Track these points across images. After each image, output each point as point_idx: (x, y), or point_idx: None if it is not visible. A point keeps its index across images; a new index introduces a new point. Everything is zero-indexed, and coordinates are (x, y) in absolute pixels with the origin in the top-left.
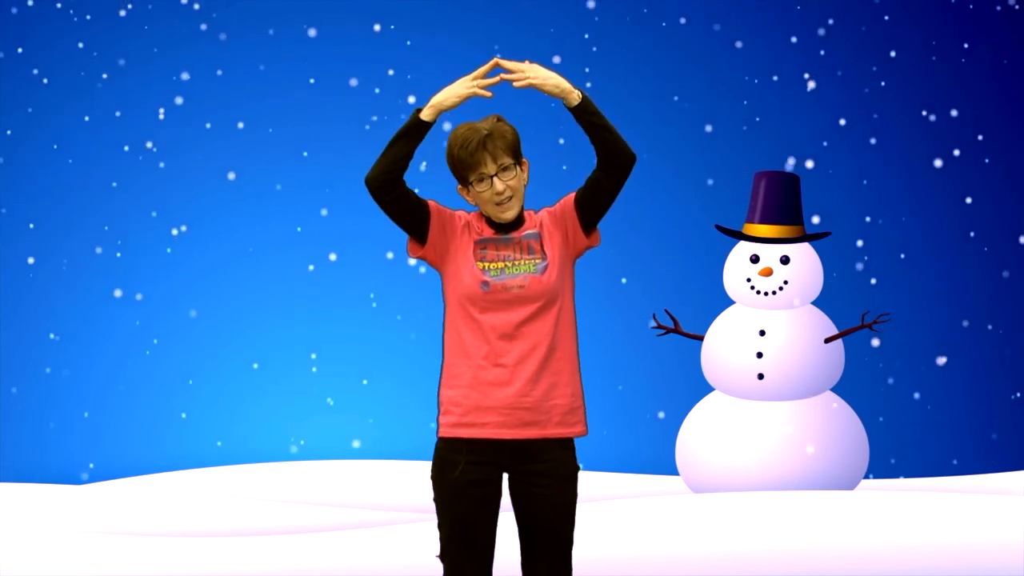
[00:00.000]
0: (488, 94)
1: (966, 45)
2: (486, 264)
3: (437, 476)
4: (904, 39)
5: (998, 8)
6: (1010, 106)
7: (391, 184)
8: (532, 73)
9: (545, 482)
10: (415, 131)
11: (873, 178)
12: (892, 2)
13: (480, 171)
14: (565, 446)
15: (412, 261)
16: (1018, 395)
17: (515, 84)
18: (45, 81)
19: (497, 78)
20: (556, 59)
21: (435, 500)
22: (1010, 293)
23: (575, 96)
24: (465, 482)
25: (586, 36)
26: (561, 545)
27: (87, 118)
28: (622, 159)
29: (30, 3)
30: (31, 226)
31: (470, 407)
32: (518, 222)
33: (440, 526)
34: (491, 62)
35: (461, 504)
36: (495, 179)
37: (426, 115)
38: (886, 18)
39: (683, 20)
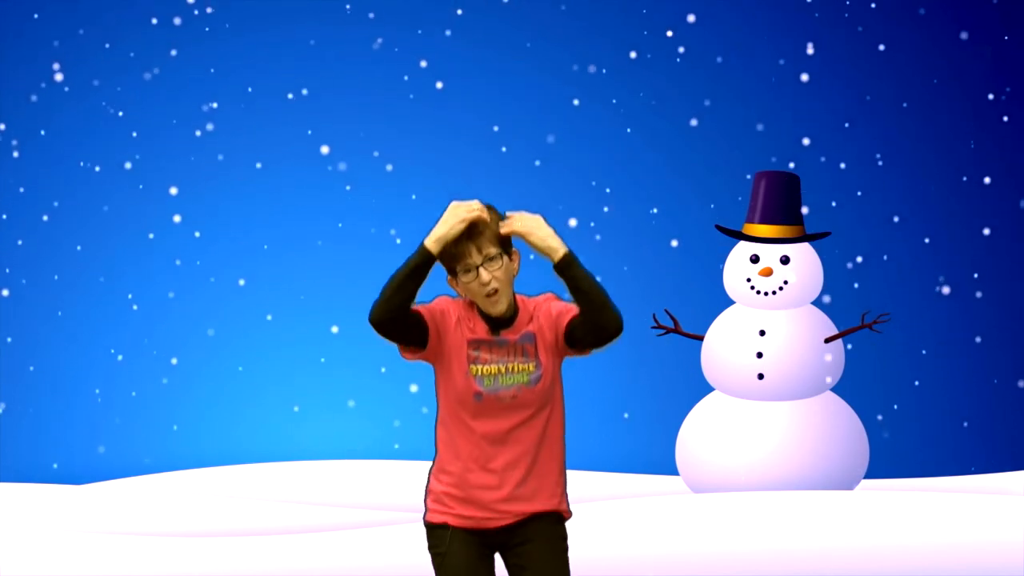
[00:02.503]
0: (486, 216)
1: (964, 35)
2: (479, 368)
3: (431, 552)
4: (901, 37)
5: (994, 1)
6: (1010, 105)
7: (401, 322)
8: (520, 224)
9: (536, 551)
10: (424, 268)
11: (874, 178)
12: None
13: (466, 262)
14: (554, 519)
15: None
16: (1019, 395)
17: (502, 230)
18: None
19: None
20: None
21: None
22: (1011, 293)
23: (558, 254)
24: (456, 564)
25: (586, 36)
26: None
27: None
28: (603, 333)
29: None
30: (45, 218)
31: (458, 502)
32: (511, 315)
33: None
34: (477, 203)
35: None
36: (481, 270)
37: (434, 249)
38: (883, 18)
39: (691, 18)
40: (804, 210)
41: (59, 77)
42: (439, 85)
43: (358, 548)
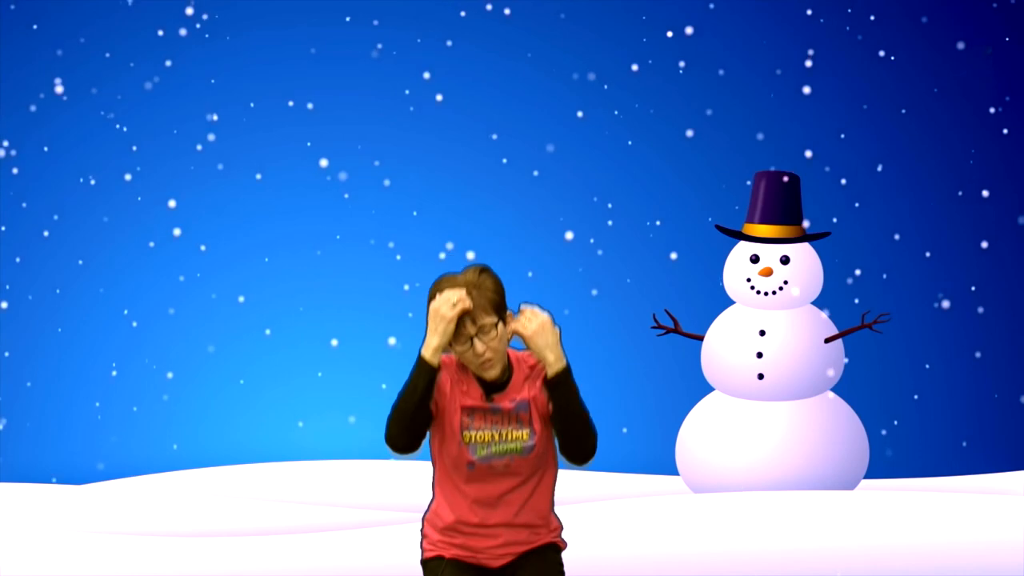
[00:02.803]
0: (469, 305)
1: (960, 46)
2: (472, 435)
3: None
4: (899, 39)
5: (994, 5)
6: (1011, 105)
7: (421, 441)
8: (524, 325)
9: (531, 574)
10: (431, 382)
11: (874, 177)
12: (890, 2)
13: (460, 333)
14: (550, 549)
15: None
16: (1020, 395)
17: (509, 325)
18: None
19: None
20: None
21: None
22: (1011, 293)
23: (552, 369)
24: None
25: (587, 36)
26: None
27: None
28: (574, 460)
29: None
30: (46, 233)
31: (452, 545)
32: (505, 379)
33: None
34: (458, 294)
35: None
36: (475, 341)
37: (435, 361)
38: (879, 18)
39: (688, 30)
40: (806, 224)
41: (59, 89)
42: (439, 98)
43: (358, 548)
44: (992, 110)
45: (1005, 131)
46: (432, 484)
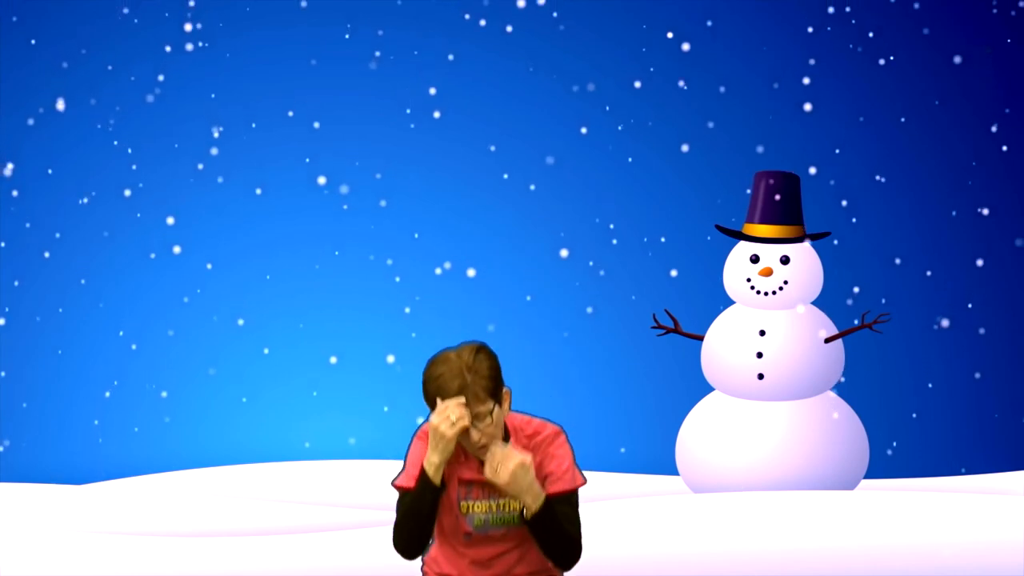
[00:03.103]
0: (468, 423)
1: (959, 58)
2: (469, 505)
3: None
4: (900, 42)
5: (994, 11)
6: (1013, 106)
7: (429, 541)
8: (496, 473)
9: None
10: (436, 498)
11: (874, 178)
12: (890, 3)
13: None
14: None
15: None
16: (1018, 395)
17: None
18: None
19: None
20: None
21: None
22: (1011, 293)
23: (529, 512)
24: None
25: (586, 36)
26: None
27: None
28: (556, 566)
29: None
30: (46, 255)
31: None
32: None
33: None
34: (456, 410)
35: None
36: (471, 430)
37: (438, 479)
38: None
39: (685, 47)
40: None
41: (60, 105)
42: (436, 115)
43: (358, 548)
44: (993, 128)
45: (1004, 148)
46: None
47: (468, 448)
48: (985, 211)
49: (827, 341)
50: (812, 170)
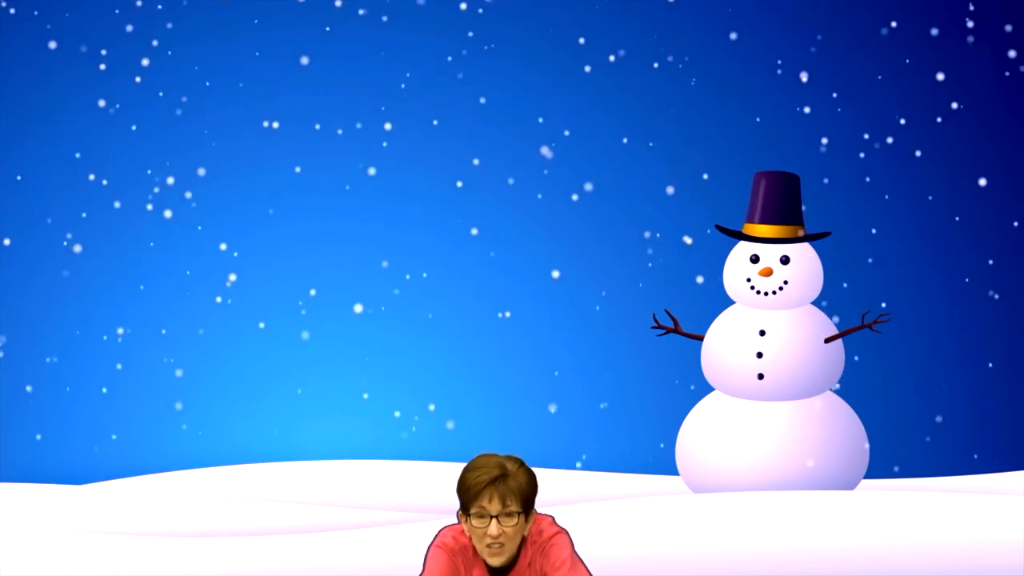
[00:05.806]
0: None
1: (971, 39)
2: None
3: None
4: (902, 39)
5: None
6: (1013, 106)
7: None
8: None
9: None
10: None
11: (874, 178)
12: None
13: (481, 505)
14: None
15: None
16: (1018, 395)
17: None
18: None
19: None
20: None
21: None
22: (1011, 292)
23: None
24: None
25: (587, 37)
26: None
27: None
28: None
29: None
30: (66, 241)
31: None
32: (510, 565)
33: None
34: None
35: None
36: (494, 520)
37: None
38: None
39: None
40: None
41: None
42: (435, 123)
43: (358, 548)
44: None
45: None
46: None
47: (480, 542)
48: (986, 212)
49: (827, 341)
50: (825, 180)
